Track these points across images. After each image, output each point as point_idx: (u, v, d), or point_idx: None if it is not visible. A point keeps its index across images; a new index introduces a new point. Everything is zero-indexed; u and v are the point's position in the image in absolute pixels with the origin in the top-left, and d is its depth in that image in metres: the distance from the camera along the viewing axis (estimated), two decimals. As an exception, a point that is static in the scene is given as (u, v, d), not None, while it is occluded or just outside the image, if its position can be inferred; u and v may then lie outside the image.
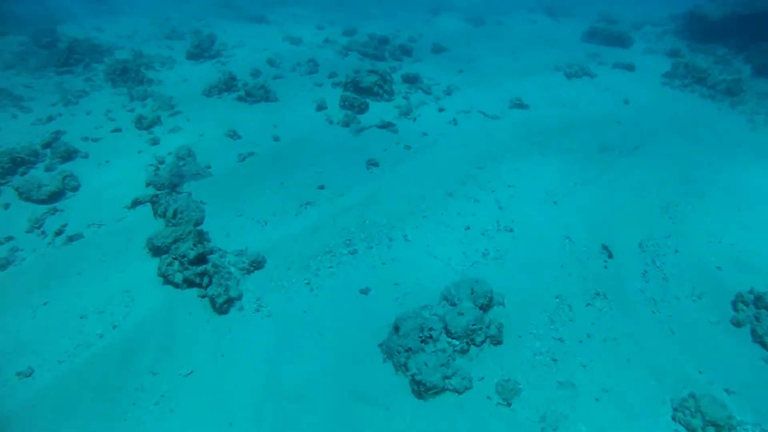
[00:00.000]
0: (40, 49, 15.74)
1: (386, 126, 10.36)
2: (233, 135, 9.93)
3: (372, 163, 9.10)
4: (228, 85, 12.16)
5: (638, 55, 17.12)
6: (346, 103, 11.09)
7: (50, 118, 11.18)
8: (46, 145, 9.71)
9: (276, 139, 9.95)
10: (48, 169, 9.08)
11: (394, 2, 24.22)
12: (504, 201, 8.23)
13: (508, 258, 6.94)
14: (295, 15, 20.59)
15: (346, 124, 10.35)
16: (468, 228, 7.54)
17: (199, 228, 7.10)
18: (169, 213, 7.40)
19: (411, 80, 12.91)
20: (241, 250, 6.84)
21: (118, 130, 10.50)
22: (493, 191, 8.49)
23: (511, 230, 7.52)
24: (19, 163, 9.04)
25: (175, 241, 6.65)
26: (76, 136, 10.26)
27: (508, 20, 21.33)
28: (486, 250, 7.09)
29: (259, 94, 11.65)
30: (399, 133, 10.31)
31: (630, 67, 15.42)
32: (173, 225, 7.34)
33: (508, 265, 6.79)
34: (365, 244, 7.13)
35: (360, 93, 11.69)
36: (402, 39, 17.40)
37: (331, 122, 10.57)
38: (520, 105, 12.09)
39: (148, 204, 7.83)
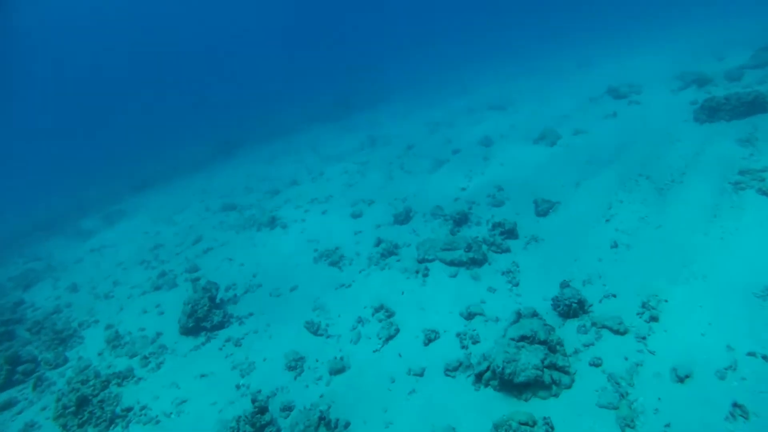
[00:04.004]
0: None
1: None
2: None
3: None
4: (256, 425, 6.36)
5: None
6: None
7: None
8: None
9: None
10: None
11: (423, 145, 19.22)
12: None
13: None
14: (315, 199, 15.49)
15: None
16: None
17: None
18: None
19: (574, 311, 7.02)
20: None
21: None
22: None
23: None
24: None
25: None
26: None
27: (582, 123, 15.93)
28: None
29: (321, 450, 5.79)
30: None
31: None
32: None
33: None
34: None
35: (518, 392, 5.78)
36: (481, 204, 11.84)
37: None
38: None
39: None
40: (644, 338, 6.41)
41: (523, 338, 5.96)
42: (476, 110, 23.00)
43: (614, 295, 7.38)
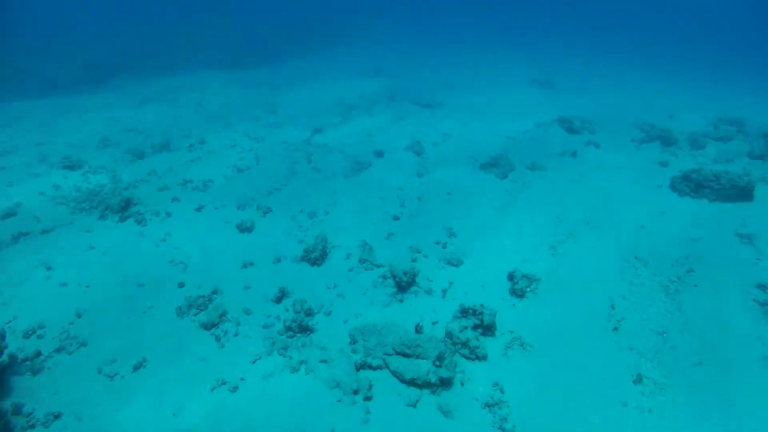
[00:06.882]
0: None
1: None
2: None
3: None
4: None
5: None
6: None
7: None
8: None
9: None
10: None
11: (336, 133, 15.06)
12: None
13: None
14: (190, 182, 10.75)
15: None
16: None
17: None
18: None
19: None
20: None
21: None
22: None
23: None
24: None
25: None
26: None
27: (536, 155, 12.54)
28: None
29: None
30: None
31: None
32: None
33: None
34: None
35: None
36: (429, 255, 8.41)
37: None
38: None
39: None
40: None
41: None
42: (398, 100, 19.55)
43: None
